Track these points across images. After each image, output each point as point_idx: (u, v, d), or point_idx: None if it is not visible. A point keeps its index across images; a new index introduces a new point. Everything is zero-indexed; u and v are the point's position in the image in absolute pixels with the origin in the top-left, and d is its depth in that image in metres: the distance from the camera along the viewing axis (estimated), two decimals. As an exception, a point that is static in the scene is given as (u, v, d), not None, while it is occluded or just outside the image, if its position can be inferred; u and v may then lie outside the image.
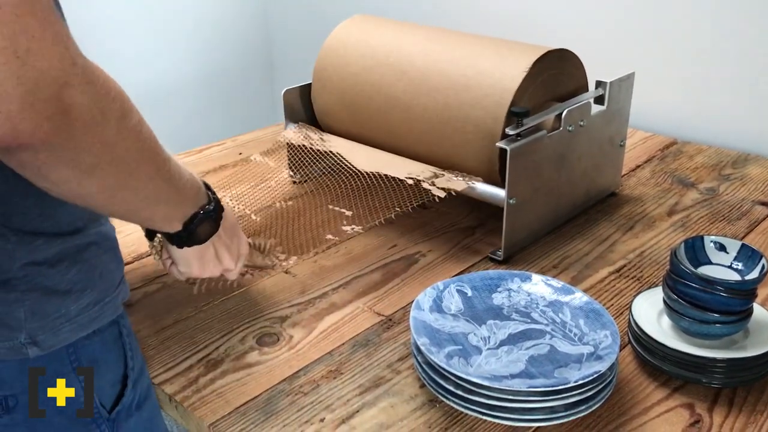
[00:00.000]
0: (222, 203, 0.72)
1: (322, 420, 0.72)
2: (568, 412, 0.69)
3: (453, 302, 0.81)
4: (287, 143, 1.18)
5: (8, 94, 0.43)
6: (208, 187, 0.72)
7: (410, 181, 0.99)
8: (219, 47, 2.07)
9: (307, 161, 1.16)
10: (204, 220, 0.69)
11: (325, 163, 1.15)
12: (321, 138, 1.15)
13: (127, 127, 0.52)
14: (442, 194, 0.96)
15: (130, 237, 1.04)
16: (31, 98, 0.44)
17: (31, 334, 0.58)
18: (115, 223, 0.68)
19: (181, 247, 0.71)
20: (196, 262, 0.74)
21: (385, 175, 1.02)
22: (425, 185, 0.98)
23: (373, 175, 1.03)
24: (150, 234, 0.77)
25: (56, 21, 0.45)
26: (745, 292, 0.73)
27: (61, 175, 0.50)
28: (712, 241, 0.80)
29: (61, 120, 0.46)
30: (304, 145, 1.15)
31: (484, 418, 0.69)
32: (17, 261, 0.57)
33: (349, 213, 1.08)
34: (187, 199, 0.66)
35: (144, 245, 1.01)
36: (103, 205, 0.57)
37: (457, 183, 0.98)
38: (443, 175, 1.01)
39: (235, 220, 0.79)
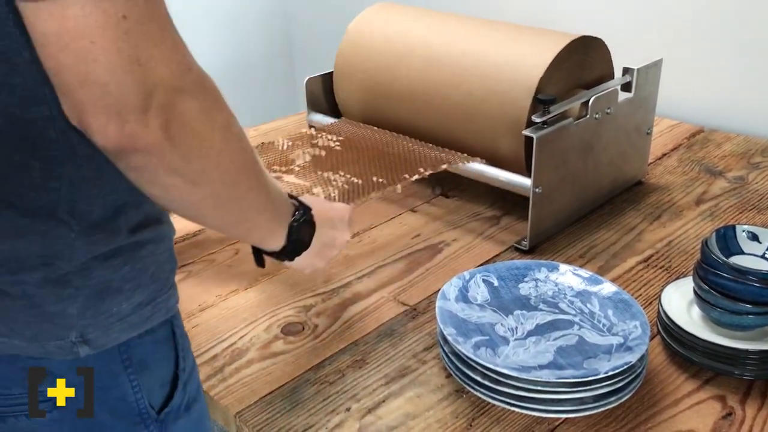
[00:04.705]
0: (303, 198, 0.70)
1: (348, 409, 0.71)
2: (596, 404, 0.68)
3: (479, 292, 0.81)
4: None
5: (128, 100, 0.44)
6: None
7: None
8: (239, 38, 2.06)
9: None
10: (302, 227, 0.67)
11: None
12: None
13: (231, 137, 0.52)
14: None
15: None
16: (149, 103, 0.45)
17: (82, 333, 0.57)
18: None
19: (292, 259, 0.69)
20: (316, 259, 0.72)
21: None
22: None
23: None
24: (259, 259, 0.72)
25: (174, 29, 0.47)
26: (779, 283, 0.72)
27: (169, 180, 0.50)
28: (744, 231, 0.78)
29: (175, 125, 0.47)
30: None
31: (512, 408, 0.69)
32: (79, 256, 0.55)
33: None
34: (282, 208, 0.65)
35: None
36: (209, 214, 0.57)
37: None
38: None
39: (322, 202, 0.77)
